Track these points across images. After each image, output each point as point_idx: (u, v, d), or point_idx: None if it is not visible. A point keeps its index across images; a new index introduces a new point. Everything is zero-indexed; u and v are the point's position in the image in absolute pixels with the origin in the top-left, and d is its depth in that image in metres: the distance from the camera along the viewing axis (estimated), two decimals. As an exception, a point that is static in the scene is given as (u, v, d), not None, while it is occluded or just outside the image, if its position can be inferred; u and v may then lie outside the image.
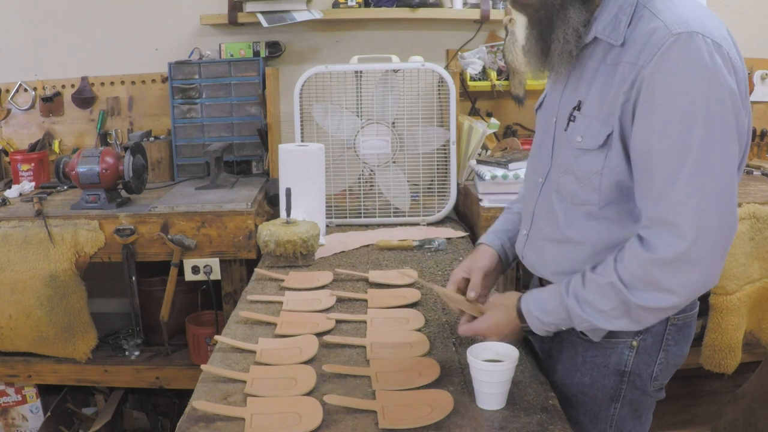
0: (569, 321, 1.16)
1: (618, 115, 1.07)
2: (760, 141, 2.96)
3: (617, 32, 1.08)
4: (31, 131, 2.90)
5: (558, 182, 1.22)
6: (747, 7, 2.94)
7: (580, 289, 1.13)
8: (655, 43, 1.01)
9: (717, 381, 2.88)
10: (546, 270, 1.29)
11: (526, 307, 1.21)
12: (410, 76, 2.34)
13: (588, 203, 1.16)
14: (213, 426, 1.07)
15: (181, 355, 2.43)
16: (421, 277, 1.78)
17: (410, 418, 1.06)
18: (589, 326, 1.14)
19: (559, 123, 1.22)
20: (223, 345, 1.37)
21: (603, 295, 1.10)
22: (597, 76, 1.12)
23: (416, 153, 2.35)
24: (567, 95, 1.20)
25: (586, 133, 1.13)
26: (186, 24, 2.82)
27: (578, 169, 1.15)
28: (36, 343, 2.25)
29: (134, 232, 2.18)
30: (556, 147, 1.23)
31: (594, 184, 1.13)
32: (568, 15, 1.10)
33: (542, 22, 1.13)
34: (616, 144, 1.09)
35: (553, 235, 1.25)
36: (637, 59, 1.04)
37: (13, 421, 2.54)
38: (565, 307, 1.15)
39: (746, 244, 2.15)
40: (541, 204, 1.28)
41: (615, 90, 1.07)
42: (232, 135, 2.73)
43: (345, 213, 2.37)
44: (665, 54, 1.00)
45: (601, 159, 1.11)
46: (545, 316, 1.18)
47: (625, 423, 1.29)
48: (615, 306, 1.09)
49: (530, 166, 1.37)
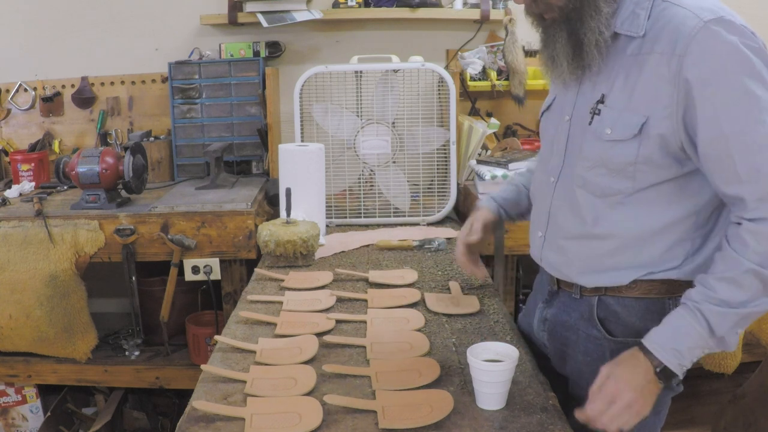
0: (710, 333, 1.07)
1: (664, 106, 1.08)
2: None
3: (636, 24, 1.11)
4: (31, 131, 2.90)
5: (584, 177, 1.21)
6: (747, 7, 2.93)
7: (710, 293, 1.07)
8: (689, 32, 1.04)
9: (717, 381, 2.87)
10: (571, 269, 1.27)
11: (651, 344, 1.10)
12: (410, 76, 2.34)
13: (620, 192, 1.17)
14: (213, 426, 1.07)
15: (181, 355, 2.43)
16: (422, 277, 1.78)
17: (410, 418, 1.06)
18: (735, 324, 1.07)
19: (576, 120, 1.23)
20: (223, 345, 1.37)
21: (740, 286, 1.06)
22: (618, 68, 1.14)
23: (416, 153, 2.35)
24: (585, 92, 1.21)
25: (615, 124, 1.14)
26: (186, 24, 2.82)
27: (610, 160, 1.16)
28: (36, 343, 2.25)
29: (134, 232, 2.18)
30: (572, 144, 1.24)
31: (628, 172, 1.15)
32: (598, 5, 1.12)
33: (572, 18, 1.14)
34: (653, 131, 1.10)
35: (577, 232, 1.24)
36: (672, 49, 1.06)
37: (13, 421, 2.54)
38: (700, 317, 1.07)
39: (746, 244, 2.14)
40: (559, 203, 1.28)
41: (649, 79, 1.09)
42: (232, 135, 2.73)
43: (345, 213, 2.37)
44: (705, 41, 1.03)
45: (635, 148, 1.13)
46: (680, 342, 1.08)
47: (647, 419, 1.28)
48: (755, 292, 1.06)
49: (540, 169, 1.37)
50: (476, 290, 1.68)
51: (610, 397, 1.08)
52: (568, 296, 1.31)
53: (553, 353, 1.38)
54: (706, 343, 1.08)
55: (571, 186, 1.24)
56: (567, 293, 1.31)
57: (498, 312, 1.54)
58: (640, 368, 1.09)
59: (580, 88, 1.23)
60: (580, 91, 1.23)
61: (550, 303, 1.37)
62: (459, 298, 1.61)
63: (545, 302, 1.39)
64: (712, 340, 1.08)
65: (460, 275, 1.79)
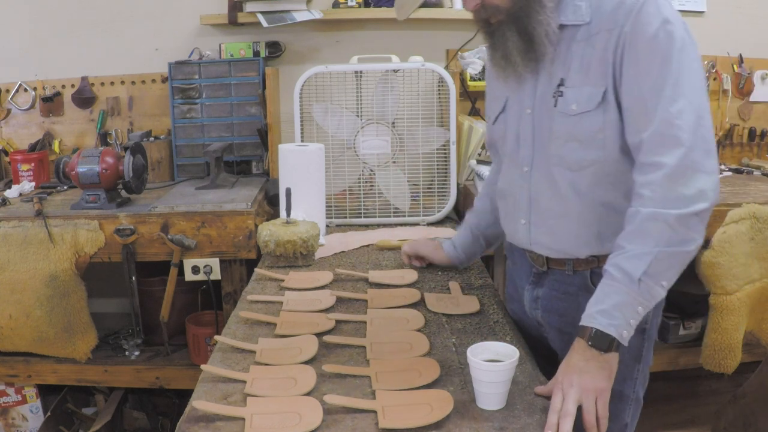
0: (629, 280, 1.12)
1: (611, 72, 1.21)
2: (760, 141, 2.96)
3: (580, 14, 1.24)
4: (31, 131, 2.90)
5: (559, 155, 1.30)
6: (747, 7, 2.94)
7: (620, 251, 1.15)
8: (630, 7, 1.18)
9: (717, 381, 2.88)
10: (565, 245, 1.34)
11: (584, 321, 1.15)
12: (410, 76, 2.34)
13: (594, 162, 1.26)
14: (213, 426, 1.07)
15: (181, 355, 2.43)
16: (422, 277, 1.78)
17: (410, 418, 1.06)
18: (649, 264, 1.12)
19: (539, 109, 1.33)
20: (223, 345, 1.37)
21: (645, 234, 1.13)
22: (571, 54, 1.26)
23: (416, 153, 2.35)
24: (543, 83, 1.31)
25: (579, 99, 1.25)
26: (186, 24, 2.82)
27: (580, 132, 1.26)
28: (36, 343, 2.25)
29: (134, 232, 2.18)
30: (540, 131, 1.33)
31: (599, 141, 1.25)
32: (542, 1, 1.24)
33: (519, 16, 1.25)
34: (611, 99, 1.22)
35: (561, 210, 1.32)
36: (615, 24, 1.19)
37: (13, 421, 2.54)
38: (615, 271, 1.13)
39: (746, 244, 2.15)
40: (538, 187, 1.36)
41: (600, 55, 1.21)
42: (232, 135, 2.73)
43: (345, 213, 2.37)
44: (640, 12, 1.17)
45: (600, 116, 1.23)
46: (603, 301, 1.13)
47: (642, 382, 1.37)
48: (661, 234, 1.12)
49: (508, 165, 1.45)
50: (476, 290, 1.68)
51: (561, 396, 1.10)
52: (560, 274, 1.39)
53: (549, 327, 1.44)
54: (631, 295, 1.12)
55: (548, 168, 1.33)
56: (559, 271, 1.39)
57: (498, 312, 1.54)
58: (573, 352, 1.14)
59: (537, 80, 1.32)
60: (538, 83, 1.32)
61: (539, 283, 1.45)
62: (459, 298, 1.61)
63: (533, 283, 1.47)
64: (633, 288, 1.12)
65: (460, 275, 1.79)
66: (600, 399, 1.11)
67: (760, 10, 2.94)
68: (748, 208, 2.15)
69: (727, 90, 2.93)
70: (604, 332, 1.12)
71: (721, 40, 2.91)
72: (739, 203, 2.16)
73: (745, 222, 2.14)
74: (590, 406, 1.10)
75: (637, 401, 1.40)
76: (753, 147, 2.98)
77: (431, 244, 1.84)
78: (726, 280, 2.14)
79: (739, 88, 2.94)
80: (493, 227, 1.69)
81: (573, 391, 1.09)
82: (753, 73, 2.93)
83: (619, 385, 1.32)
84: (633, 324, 1.14)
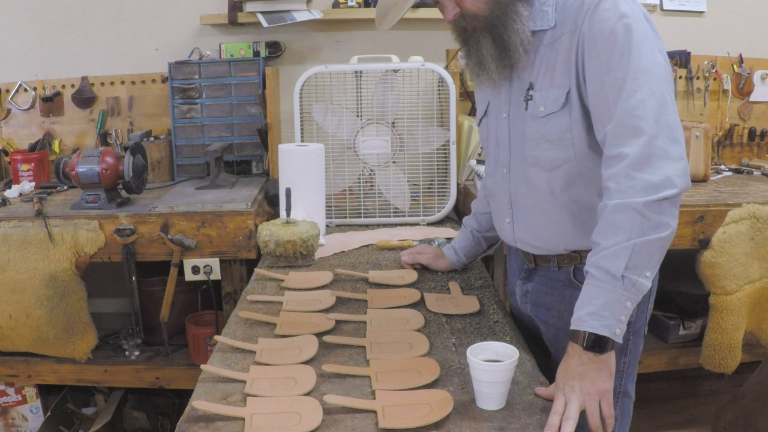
0: (612, 278, 1.12)
1: (574, 73, 1.24)
2: (760, 141, 2.96)
3: (546, 19, 1.27)
4: (31, 131, 2.90)
5: (533, 156, 1.34)
6: (747, 7, 2.94)
7: (596, 249, 1.15)
8: (587, 7, 1.21)
9: (717, 381, 2.88)
10: (546, 242, 1.38)
11: (572, 324, 1.15)
12: (410, 76, 2.34)
13: (566, 161, 1.29)
14: (213, 426, 1.07)
15: (181, 355, 2.43)
16: (421, 277, 1.78)
17: (410, 418, 1.06)
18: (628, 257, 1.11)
19: (514, 114, 1.37)
20: (223, 345, 1.37)
21: (616, 226, 1.13)
22: (538, 58, 1.29)
23: (416, 153, 2.35)
24: (515, 88, 1.35)
25: (546, 101, 1.29)
26: (186, 24, 2.83)
27: (549, 132, 1.30)
28: (36, 343, 2.25)
29: (134, 232, 2.18)
30: (515, 134, 1.38)
31: (567, 141, 1.28)
32: (518, 10, 1.26)
33: (495, 24, 1.27)
34: (574, 98, 1.25)
35: (540, 209, 1.36)
36: (575, 26, 1.22)
37: (13, 421, 2.54)
38: (596, 270, 1.13)
39: (746, 244, 2.15)
40: (516, 188, 1.40)
41: (563, 57, 1.25)
42: (232, 135, 2.73)
43: (345, 213, 2.37)
44: (596, 9, 1.19)
45: (566, 116, 1.27)
46: (590, 303, 1.13)
47: (631, 375, 1.39)
48: (633, 224, 1.11)
49: (492, 167, 1.50)
50: (476, 290, 1.68)
51: (564, 401, 1.09)
52: (546, 270, 1.44)
53: (538, 321, 1.49)
54: (617, 292, 1.12)
55: (524, 169, 1.37)
56: (545, 268, 1.43)
57: (498, 312, 1.54)
58: (570, 357, 1.14)
59: (511, 86, 1.36)
60: (512, 88, 1.36)
61: (529, 278, 1.50)
62: (459, 298, 1.61)
63: (523, 279, 1.52)
64: (618, 285, 1.12)
65: (460, 275, 1.79)
66: (603, 400, 1.11)
67: (760, 10, 2.94)
68: (748, 208, 2.15)
69: (727, 90, 2.93)
70: (598, 334, 1.11)
71: (721, 40, 2.91)
72: (739, 203, 2.16)
73: (745, 222, 2.14)
74: (594, 409, 1.10)
75: (626, 395, 1.41)
76: (753, 147, 2.98)
77: (431, 253, 1.83)
78: (726, 280, 2.14)
79: (739, 88, 2.94)
80: (493, 229, 1.69)
81: (575, 396, 1.09)
82: (753, 73, 2.93)
83: None
84: (624, 320, 1.13)
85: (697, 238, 2.14)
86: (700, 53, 2.89)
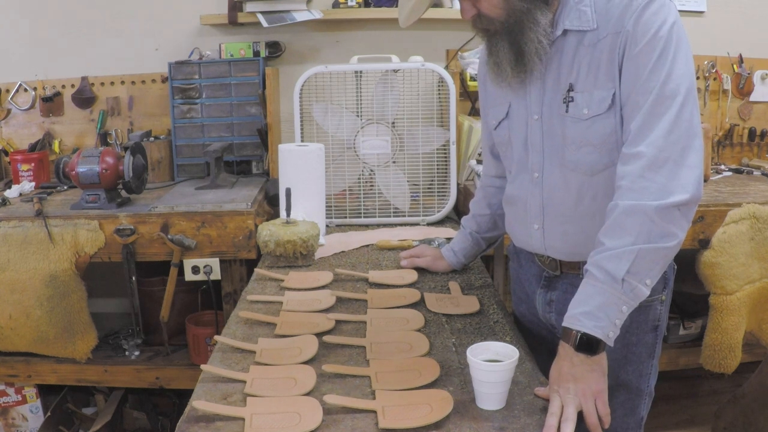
0: (611, 280, 1.11)
1: (617, 74, 1.21)
2: (760, 141, 2.96)
3: (586, 20, 1.24)
4: (31, 131, 2.90)
5: (574, 160, 1.29)
6: (747, 7, 2.94)
7: (600, 249, 1.14)
8: (635, 8, 1.18)
9: (717, 381, 2.88)
10: (580, 248, 1.32)
11: (565, 321, 1.15)
12: (410, 76, 2.34)
13: (608, 166, 1.25)
14: (213, 426, 1.07)
15: (181, 355, 2.43)
16: (421, 278, 1.78)
17: (410, 418, 1.06)
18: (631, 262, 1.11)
19: (548, 115, 1.32)
20: (223, 345, 1.37)
21: (623, 228, 1.12)
22: (578, 58, 1.26)
23: (416, 153, 2.35)
24: (550, 88, 1.31)
25: (590, 104, 1.25)
26: (186, 24, 2.82)
27: (593, 136, 1.26)
28: (36, 343, 2.25)
29: (134, 232, 2.18)
30: (550, 137, 1.33)
31: (611, 144, 1.25)
32: (536, 17, 1.24)
33: (512, 30, 1.26)
34: (619, 101, 1.22)
35: (576, 214, 1.32)
36: (621, 26, 1.19)
37: (13, 421, 2.54)
38: (597, 270, 1.12)
39: (746, 244, 2.15)
40: (551, 193, 1.35)
41: (607, 58, 1.22)
42: (232, 135, 2.73)
43: (345, 213, 2.37)
44: (644, 10, 1.18)
45: (612, 119, 1.23)
46: (586, 303, 1.12)
47: (655, 377, 1.39)
48: (641, 229, 1.11)
49: (517, 171, 1.44)
50: (476, 290, 1.68)
51: (560, 402, 1.09)
52: (573, 277, 1.38)
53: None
54: (615, 295, 1.11)
55: (561, 173, 1.32)
56: (572, 275, 1.38)
57: (498, 312, 1.54)
58: (561, 359, 1.13)
59: (544, 87, 1.32)
60: (545, 89, 1.32)
61: (551, 286, 1.44)
62: (459, 298, 1.61)
63: (545, 287, 1.46)
64: (617, 288, 1.11)
65: (460, 275, 1.79)
66: (599, 399, 1.11)
67: (760, 10, 2.94)
68: (748, 208, 2.15)
69: (727, 90, 2.93)
70: (591, 335, 1.11)
71: (721, 40, 2.91)
72: (739, 203, 2.16)
73: (745, 222, 2.14)
74: (591, 409, 1.10)
75: (650, 395, 1.42)
76: (753, 147, 2.98)
77: (429, 256, 1.82)
78: (726, 280, 2.14)
79: (739, 88, 2.94)
80: (492, 230, 1.70)
81: (571, 398, 1.09)
82: (753, 73, 2.93)
83: (637, 382, 1.36)
84: (618, 324, 1.12)
85: (697, 238, 2.15)
86: (700, 53, 2.89)
